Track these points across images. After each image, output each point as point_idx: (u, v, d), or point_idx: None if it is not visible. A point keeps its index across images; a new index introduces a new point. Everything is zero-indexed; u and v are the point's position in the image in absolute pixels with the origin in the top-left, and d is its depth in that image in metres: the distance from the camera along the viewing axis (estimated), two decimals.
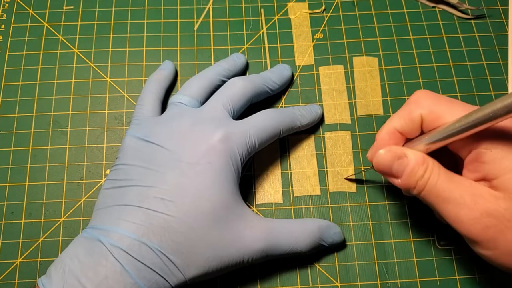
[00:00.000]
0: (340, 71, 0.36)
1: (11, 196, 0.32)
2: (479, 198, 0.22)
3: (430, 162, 0.24)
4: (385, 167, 0.25)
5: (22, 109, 0.35)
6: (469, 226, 0.23)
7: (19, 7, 0.38)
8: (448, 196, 0.23)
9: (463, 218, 0.23)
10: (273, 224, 0.28)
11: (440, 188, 0.23)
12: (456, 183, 0.23)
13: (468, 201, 0.22)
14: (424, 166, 0.24)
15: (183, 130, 0.29)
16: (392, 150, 0.25)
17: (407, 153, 0.25)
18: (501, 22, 0.37)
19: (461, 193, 0.23)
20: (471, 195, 0.23)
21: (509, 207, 0.22)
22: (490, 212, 0.22)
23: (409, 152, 0.25)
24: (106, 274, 0.24)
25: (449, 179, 0.24)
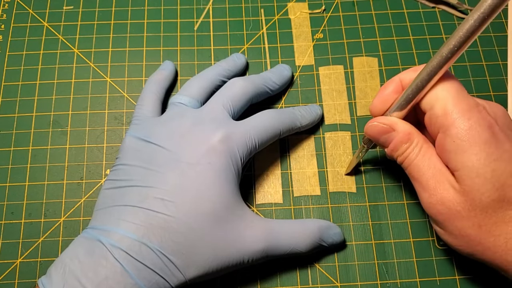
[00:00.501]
0: (340, 71, 0.36)
1: (11, 196, 0.32)
2: (440, 185, 0.25)
3: (415, 139, 0.26)
4: (374, 137, 0.28)
5: (22, 109, 0.35)
6: (427, 207, 0.25)
7: (19, 7, 0.38)
8: (417, 176, 0.26)
9: (423, 199, 0.26)
10: (273, 224, 0.28)
11: (415, 167, 0.26)
12: (429, 166, 0.25)
13: (431, 186, 0.25)
14: (407, 143, 0.26)
15: (183, 130, 0.29)
16: (382, 123, 0.27)
17: (397, 127, 0.26)
18: (501, 22, 0.37)
19: (428, 178, 0.25)
20: (435, 181, 0.25)
21: (460, 201, 0.24)
22: (444, 201, 0.24)
23: (398, 126, 0.26)
24: (106, 275, 0.24)
25: (425, 160, 0.25)
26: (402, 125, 0.26)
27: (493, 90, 0.35)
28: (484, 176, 0.23)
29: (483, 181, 0.23)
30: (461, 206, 0.24)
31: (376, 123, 0.27)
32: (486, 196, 0.23)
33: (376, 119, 0.27)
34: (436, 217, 0.25)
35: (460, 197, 0.24)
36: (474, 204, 0.23)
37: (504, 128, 0.24)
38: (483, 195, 0.23)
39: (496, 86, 0.35)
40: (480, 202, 0.23)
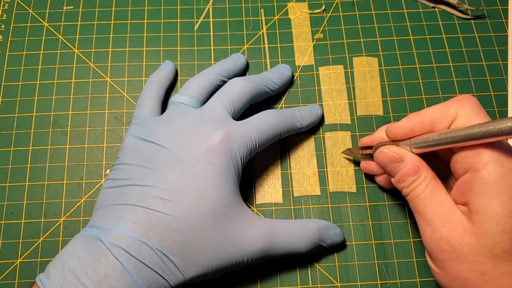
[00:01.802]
0: (340, 71, 0.36)
1: (11, 196, 0.32)
2: (448, 223, 0.24)
3: (424, 173, 0.25)
4: (382, 164, 0.27)
5: (22, 109, 0.35)
6: (428, 242, 0.25)
7: (19, 7, 0.38)
8: (423, 210, 0.25)
9: (425, 234, 0.25)
10: (273, 224, 0.28)
11: (420, 201, 0.25)
12: (436, 202, 0.25)
13: (436, 222, 0.24)
14: (414, 176, 0.25)
15: (183, 130, 0.29)
16: (392, 153, 0.26)
17: (405, 158, 0.26)
18: (501, 22, 0.37)
19: (434, 214, 0.24)
20: (442, 218, 0.24)
21: (468, 243, 0.23)
22: (450, 239, 0.23)
23: (408, 157, 0.26)
24: (106, 273, 0.24)
25: (432, 196, 0.25)
26: (412, 157, 0.26)
27: (493, 90, 0.35)
28: (504, 227, 0.22)
29: (502, 231, 0.22)
30: (468, 248, 0.23)
31: (387, 150, 0.26)
32: (500, 245, 0.22)
33: (388, 147, 0.27)
34: (436, 253, 0.24)
35: (469, 239, 0.23)
36: (484, 250, 0.22)
37: None
38: (497, 244, 0.22)
39: (496, 86, 0.35)
40: (491, 249, 0.22)
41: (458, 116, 0.24)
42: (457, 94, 0.35)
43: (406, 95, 0.35)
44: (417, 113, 0.26)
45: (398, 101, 0.35)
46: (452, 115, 0.24)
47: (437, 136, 0.24)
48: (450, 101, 0.25)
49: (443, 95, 0.35)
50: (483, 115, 0.24)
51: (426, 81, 0.35)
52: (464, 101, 0.25)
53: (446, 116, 0.25)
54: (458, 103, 0.25)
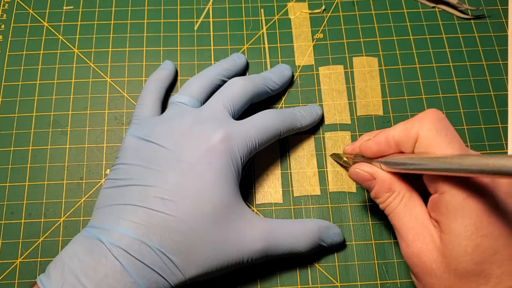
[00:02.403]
0: (340, 71, 0.36)
1: (11, 196, 0.32)
2: (419, 238, 0.24)
3: (396, 189, 0.26)
4: (357, 181, 0.28)
5: (22, 109, 0.35)
6: (404, 257, 0.25)
7: (19, 7, 0.38)
8: (398, 225, 0.26)
9: (401, 248, 0.25)
10: (273, 224, 0.28)
11: (395, 216, 0.26)
12: (410, 218, 0.25)
13: (409, 238, 0.25)
14: (387, 193, 0.26)
15: (183, 129, 0.29)
16: (362, 173, 0.27)
17: (377, 176, 0.27)
18: (501, 22, 0.37)
19: (408, 229, 0.25)
20: (414, 233, 0.25)
21: (437, 260, 0.23)
22: (421, 255, 0.24)
23: (379, 176, 0.26)
24: (106, 273, 0.24)
25: (406, 211, 0.25)
26: (383, 176, 0.26)
27: (493, 90, 0.35)
28: (465, 248, 0.22)
29: (463, 253, 0.22)
30: (436, 265, 0.23)
31: (359, 170, 0.27)
32: (462, 266, 0.22)
33: (359, 166, 0.27)
34: (411, 267, 0.25)
35: (438, 256, 0.23)
36: (449, 268, 0.23)
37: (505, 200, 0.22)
38: (460, 264, 0.22)
39: (496, 86, 0.35)
40: (455, 269, 0.23)
41: (419, 137, 0.24)
42: (457, 94, 0.35)
43: (406, 95, 0.35)
44: (384, 132, 0.26)
45: (398, 101, 0.35)
46: (414, 135, 0.24)
47: (402, 160, 0.25)
48: (413, 119, 0.25)
49: (443, 95, 0.35)
50: (444, 133, 0.24)
51: (426, 81, 0.35)
52: (425, 120, 0.24)
53: (409, 137, 0.24)
54: (419, 122, 0.24)
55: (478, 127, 0.34)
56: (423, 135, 0.24)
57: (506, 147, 0.34)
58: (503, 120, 0.34)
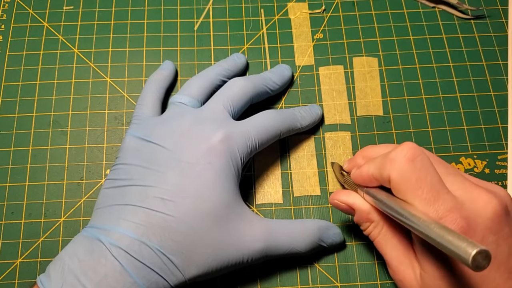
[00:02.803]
0: (340, 72, 0.36)
1: (11, 196, 0.32)
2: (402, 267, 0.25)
3: (375, 219, 0.26)
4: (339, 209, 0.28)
5: (22, 109, 0.35)
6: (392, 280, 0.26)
7: (19, 7, 0.38)
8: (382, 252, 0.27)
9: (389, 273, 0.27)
10: (272, 224, 0.28)
11: (378, 244, 0.27)
12: (391, 247, 0.26)
13: (393, 265, 0.26)
14: (367, 223, 0.27)
15: (183, 130, 0.29)
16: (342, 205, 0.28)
17: (356, 207, 0.27)
18: (501, 22, 0.37)
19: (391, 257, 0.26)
20: (397, 262, 0.25)
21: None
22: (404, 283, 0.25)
23: (358, 207, 0.27)
24: (106, 273, 0.24)
25: (387, 241, 0.26)
26: (362, 206, 0.27)
27: (493, 90, 0.35)
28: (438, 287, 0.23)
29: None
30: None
31: (337, 201, 0.28)
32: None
33: (338, 197, 0.28)
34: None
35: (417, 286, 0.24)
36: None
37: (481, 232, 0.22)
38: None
39: (496, 86, 0.35)
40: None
41: (391, 180, 0.24)
42: (457, 94, 0.35)
43: (406, 95, 0.35)
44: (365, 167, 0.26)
45: (398, 101, 0.35)
46: (386, 178, 0.24)
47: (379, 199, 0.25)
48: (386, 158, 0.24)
49: (443, 95, 0.35)
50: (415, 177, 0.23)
51: (426, 81, 0.35)
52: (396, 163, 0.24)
53: (383, 178, 0.25)
54: (390, 164, 0.24)
55: (478, 127, 0.34)
56: (393, 179, 0.24)
57: (506, 147, 0.34)
58: (503, 120, 0.34)
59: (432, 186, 0.23)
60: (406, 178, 0.23)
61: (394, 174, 0.23)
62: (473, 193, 0.23)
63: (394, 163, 0.24)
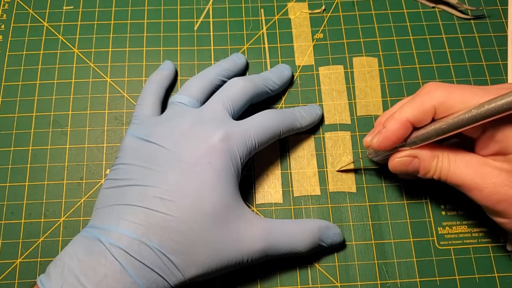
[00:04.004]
0: (340, 71, 0.36)
1: (11, 196, 0.32)
2: (487, 176, 0.25)
3: (440, 154, 0.26)
4: (402, 170, 0.28)
5: (22, 109, 0.35)
6: (483, 203, 0.25)
7: (19, 7, 0.38)
8: (460, 181, 0.25)
9: (476, 197, 0.25)
10: (272, 224, 0.28)
11: (453, 176, 0.26)
12: (466, 166, 0.25)
13: (478, 182, 0.25)
14: (434, 161, 0.26)
15: (183, 129, 0.29)
16: (402, 159, 0.27)
17: (416, 153, 0.27)
18: (501, 22, 0.37)
19: (472, 176, 0.25)
20: (480, 175, 0.25)
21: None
22: (498, 188, 0.24)
23: (418, 153, 0.27)
24: (106, 273, 0.24)
25: (459, 163, 0.26)
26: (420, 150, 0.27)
27: None
28: None
29: None
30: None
31: (398, 159, 0.27)
32: None
33: (396, 156, 0.28)
34: (495, 207, 0.25)
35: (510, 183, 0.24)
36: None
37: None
38: None
39: None
40: None
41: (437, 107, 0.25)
42: None
43: (406, 95, 0.35)
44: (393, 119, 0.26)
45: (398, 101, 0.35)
46: (430, 109, 0.25)
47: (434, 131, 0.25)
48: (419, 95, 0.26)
49: None
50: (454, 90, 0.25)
51: (426, 81, 0.35)
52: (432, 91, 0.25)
53: (426, 113, 0.25)
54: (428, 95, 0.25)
55: None
56: (439, 103, 0.25)
57: None
58: None
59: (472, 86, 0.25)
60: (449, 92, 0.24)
61: (438, 97, 0.25)
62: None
63: (431, 93, 0.25)
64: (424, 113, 0.25)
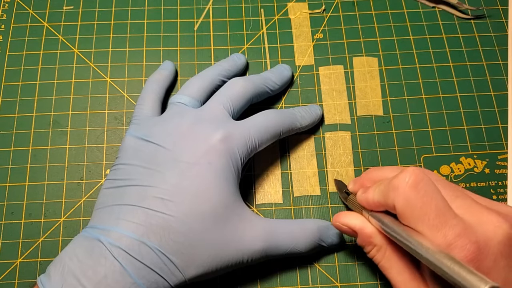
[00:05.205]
0: (340, 71, 0.36)
1: (11, 196, 0.32)
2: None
3: (378, 243, 0.26)
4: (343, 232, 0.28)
5: (22, 109, 0.35)
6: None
7: (19, 7, 0.38)
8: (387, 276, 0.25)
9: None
10: (272, 224, 0.28)
11: (382, 268, 0.26)
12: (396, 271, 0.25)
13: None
14: (370, 246, 0.26)
15: (183, 130, 0.29)
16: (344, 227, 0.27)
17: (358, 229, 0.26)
18: (501, 22, 0.37)
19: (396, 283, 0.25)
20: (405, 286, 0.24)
21: None
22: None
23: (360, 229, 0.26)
24: (106, 274, 0.24)
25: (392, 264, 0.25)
26: (365, 229, 0.26)
27: (493, 90, 0.35)
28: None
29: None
30: None
31: (339, 224, 0.27)
32: None
33: (340, 219, 0.27)
34: None
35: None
36: None
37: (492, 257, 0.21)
38: None
39: (496, 86, 0.35)
40: None
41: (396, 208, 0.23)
42: (457, 94, 0.35)
43: (406, 95, 0.35)
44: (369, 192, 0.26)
45: (398, 101, 0.35)
46: (391, 205, 0.23)
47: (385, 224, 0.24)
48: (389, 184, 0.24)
49: (443, 95, 0.35)
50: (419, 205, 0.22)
51: (426, 81, 0.35)
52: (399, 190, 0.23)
53: (388, 206, 0.24)
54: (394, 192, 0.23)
55: (478, 127, 0.34)
56: (398, 207, 0.23)
57: (506, 147, 0.34)
58: (503, 120, 0.34)
59: (438, 212, 0.22)
60: (411, 206, 0.22)
61: (398, 202, 0.23)
62: (483, 216, 0.22)
63: (397, 191, 0.23)
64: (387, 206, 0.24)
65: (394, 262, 0.25)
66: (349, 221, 0.27)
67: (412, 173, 0.23)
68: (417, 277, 0.24)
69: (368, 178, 0.29)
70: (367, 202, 0.26)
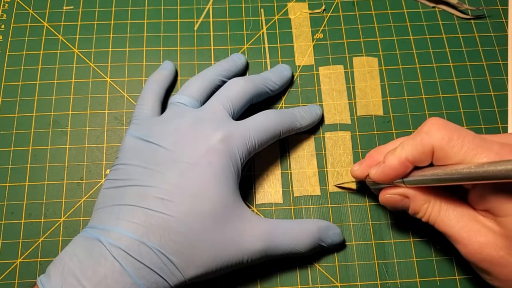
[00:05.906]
0: (340, 71, 0.36)
1: (11, 196, 0.32)
2: (475, 233, 0.24)
3: (432, 199, 0.26)
4: (391, 206, 0.28)
5: (22, 109, 0.35)
6: (467, 257, 0.25)
7: (19, 7, 0.38)
8: (447, 230, 0.25)
9: (460, 251, 0.25)
10: (272, 224, 0.28)
11: (441, 223, 0.25)
12: (456, 218, 0.25)
13: (464, 236, 0.24)
14: (425, 205, 0.26)
15: (183, 130, 0.29)
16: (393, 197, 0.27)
17: (409, 193, 0.26)
18: (501, 22, 0.37)
19: (459, 229, 0.25)
20: (467, 230, 0.24)
21: (503, 245, 0.23)
22: (483, 248, 0.24)
23: (410, 192, 0.26)
24: (105, 274, 0.24)
25: (449, 214, 0.25)
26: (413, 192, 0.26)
27: (493, 90, 0.35)
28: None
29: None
30: (505, 251, 0.23)
31: (389, 195, 0.27)
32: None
33: (388, 191, 0.27)
34: (478, 264, 0.24)
35: (502, 241, 0.23)
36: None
37: None
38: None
39: (496, 86, 0.35)
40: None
41: (435, 150, 0.24)
42: (457, 94, 0.35)
43: (406, 95, 0.35)
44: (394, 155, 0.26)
45: (398, 101, 0.35)
46: (428, 150, 0.24)
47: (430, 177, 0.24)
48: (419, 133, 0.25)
49: (443, 95, 0.35)
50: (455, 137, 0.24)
51: (426, 81, 0.35)
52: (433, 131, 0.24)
53: (424, 153, 0.24)
54: (428, 135, 0.24)
55: (478, 127, 0.34)
56: (438, 147, 0.24)
57: None
58: (503, 120, 0.34)
59: (474, 135, 0.24)
60: (450, 140, 0.23)
61: (437, 140, 0.24)
62: None
63: (431, 133, 0.24)
64: (423, 154, 0.24)
65: (450, 211, 0.25)
66: (398, 190, 0.27)
67: (435, 118, 0.25)
68: (477, 216, 0.24)
69: (372, 160, 0.29)
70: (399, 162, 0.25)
